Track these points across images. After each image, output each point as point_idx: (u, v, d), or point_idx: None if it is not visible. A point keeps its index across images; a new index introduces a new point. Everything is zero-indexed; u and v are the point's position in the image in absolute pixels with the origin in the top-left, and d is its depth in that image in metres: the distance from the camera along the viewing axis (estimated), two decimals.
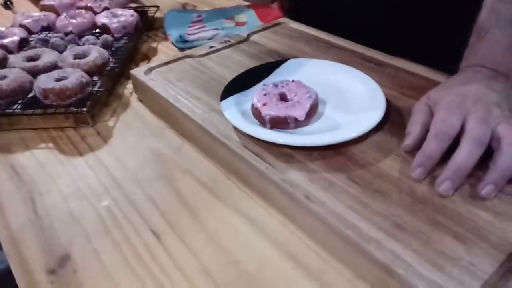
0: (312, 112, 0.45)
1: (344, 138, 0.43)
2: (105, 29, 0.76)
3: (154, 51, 0.78)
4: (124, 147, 0.54)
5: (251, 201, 0.44)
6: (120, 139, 0.55)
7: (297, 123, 0.45)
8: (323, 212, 0.37)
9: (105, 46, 0.69)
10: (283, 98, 0.47)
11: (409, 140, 0.42)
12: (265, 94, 0.46)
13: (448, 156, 0.39)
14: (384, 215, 0.37)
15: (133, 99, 0.63)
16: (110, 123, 0.59)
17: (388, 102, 0.50)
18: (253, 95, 0.48)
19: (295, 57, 0.62)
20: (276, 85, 0.48)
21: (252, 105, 0.46)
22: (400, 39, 0.65)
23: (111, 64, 0.67)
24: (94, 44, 0.68)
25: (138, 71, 0.61)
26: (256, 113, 0.46)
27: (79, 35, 0.76)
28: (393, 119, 0.49)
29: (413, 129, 0.43)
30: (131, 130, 0.57)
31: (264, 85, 0.48)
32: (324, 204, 0.38)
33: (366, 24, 0.70)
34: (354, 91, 0.52)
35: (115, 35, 0.76)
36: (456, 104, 0.40)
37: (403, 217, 0.36)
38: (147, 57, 0.76)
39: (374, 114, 0.46)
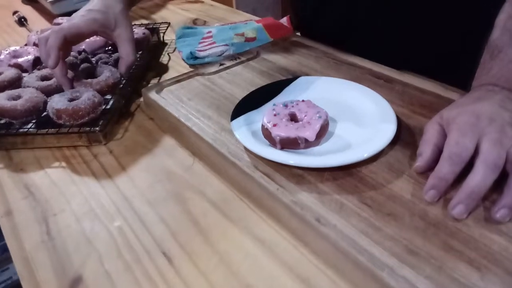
0: (323, 132, 0.45)
1: (355, 159, 0.43)
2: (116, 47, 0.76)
3: (166, 68, 0.79)
4: (135, 165, 0.54)
5: (263, 222, 0.44)
6: (131, 158, 0.56)
7: (308, 144, 0.45)
8: (334, 236, 0.37)
9: (117, 64, 0.70)
10: (293, 118, 0.47)
11: (421, 161, 0.42)
12: (275, 115, 0.46)
13: (461, 177, 0.39)
14: (397, 240, 0.36)
15: (145, 117, 0.64)
16: (122, 141, 0.59)
17: (398, 120, 0.49)
18: (263, 114, 0.48)
19: (305, 74, 0.63)
20: (286, 105, 0.48)
21: (262, 126, 0.47)
22: (411, 55, 0.65)
23: (123, 82, 0.68)
24: (106, 62, 0.69)
25: (149, 90, 0.61)
26: (266, 134, 0.46)
27: (92, 53, 0.77)
28: (404, 138, 0.48)
29: (425, 149, 0.42)
30: (142, 149, 0.57)
31: (274, 105, 0.48)
32: (335, 227, 0.38)
33: (376, 39, 0.70)
34: (364, 109, 0.52)
35: None
36: (469, 125, 0.40)
37: (416, 242, 0.36)
38: (158, 74, 0.76)
39: (385, 133, 0.46)
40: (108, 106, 0.62)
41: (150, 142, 0.58)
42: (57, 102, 0.57)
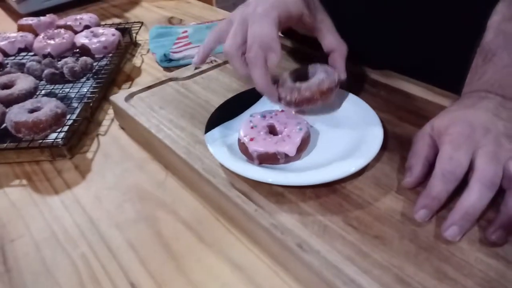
0: (304, 146, 0.42)
1: (340, 175, 0.40)
2: (85, 49, 0.72)
3: (138, 71, 0.74)
4: (103, 182, 0.50)
5: (240, 245, 0.40)
6: (99, 174, 0.51)
7: (288, 158, 0.41)
8: (318, 264, 0.33)
9: (84, 69, 0.65)
10: (272, 130, 0.44)
11: (411, 176, 0.39)
12: (252, 127, 0.43)
13: (455, 193, 0.36)
14: (386, 267, 0.33)
15: (115, 127, 0.59)
16: (89, 154, 0.55)
17: (384, 128, 0.46)
18: (240, 126, 0.44)
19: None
20: (264, 116, 0.44)
21: (239, 140, 0.43)
22: (396, 55, 0.62)
23: (91, 90, 0.63)
24: (73, 68, 0.64)
25: (118, 98, 0.57)
26: (243, 149, 0.42)
27: (58, 57, 0.72)
28: (391, 148, 0.45)
29: (415, 163, 0.39)
30: (111, 163, 0.53)
31: (251, 115, 0.45)
32: (319, 254, 0.34)
33: (359, 39, 0.67)
34: (347, 118, 0.48)
35: (96, 56, 0.72)
36: (463, 137, 0.37)
37: (407, 269, 0.33)
38: (130, 78, 0.72)
39: (371, 145, 0.43)
40: (74, 117, 0.57)
41: (120, 155, 0.54)
42: (16, 114, 0.52)
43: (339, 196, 0.40)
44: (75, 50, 0.75)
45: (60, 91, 0.64)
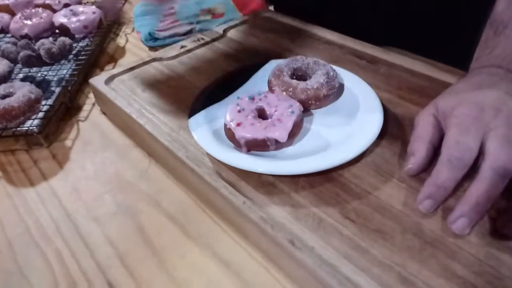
0: (296, 130, 0.38)
1: (337, 161, 0.36)
2: (64, 29, 0.67)
3: (122, 51, 0.70)
4: (82, 172, 0.46)
5: (228, 239, 0.37)
6: (78, 163, 0.48)
7: (279, 145, 0.38)
8: (312, 263, 0.30)
9: (62, 50, 0.61)
10: (261, 114, 0.40)
11: (413, 162, 0.35)
12: (239, 111, 0.39)
13: (463, 180, 0.33)
14: (387, 265, 0.30)
15: (96, 112, 0.56)
16: (68, 142, 0.51)
17: (384, 108, 0.42)
18: (227, 109, 0.40)
19: (277, 54, 0.55)
20: (252, 98, 0.40)
21: (225, 125, 0.39)
22: (397, 29, 0.58)
23: (70, 72, 0.59)
24: (50, 49, 0.60)
25: (98, 81, 0.53)
26: (229, 135, 0.38)
27: (36, 38, 0.67)
28: (391, 131, 0.41)
29: (418, 148, 0.35)
30: (91, 151, 0.49)
31: (238, 98, 0.41)
32: (313, 251, 0.31)
33: (359, 12, 0.62)
34: (344, 98, 0.45)
35: (76, 36, 0.68)
36: (471, 119, 0.33)
37: (410, 267, 0.29)
38: (113, 59, 0.68)
39: (370, 127, 0.39)
40: (51, 102, 0.53)
41: (101, 142, 0.50)
42: None
43: (335, 185, 0.36)
44: (54, 31, 0.70)
45: (38, 75, 0.60)
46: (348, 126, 0.40)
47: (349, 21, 0.59)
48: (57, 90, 0.55)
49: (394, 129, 0.42)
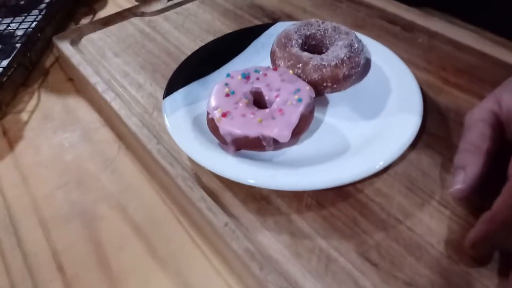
0: (303, 126, 0.28)
1: (357, 174, 0.26)
2: None
3: (104, 1, 0.59)
4: (36, 156, 0.37)
5: (207, 265, 0.28)
6: (32, 144, 0.38)
7: (278, 145, 0.28)
8: None
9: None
10: (257, 100, 0.29)
11: (463, 181, 0.25)
12: (227, 95, 0.28)
13: None
14: None
15: (63, 78, 0.45)
16: (24, 115, 0.41)
17: (423, 96, 0.32)
18: (211, 90, 0.30)
19: (287, 16, 0.43)
20: (247, 77, 0.30)
21: (207, 113, 0.29)
22: None
23: (34, 25, 0.48)
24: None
25: (62, 39, 0.42)
26: (212, 127, 0.28)
27: None
28: (432, 129, 0.31)
29: (470, 160, 0.25)
30: (50, 129, 0.40)
31: (228, 75, 0.30)
32: None
33: None
34: (370, 80, 0.34)
35: None
36: None
37: None
38: (92, 11, 0.56)
39: (403, 124, 0.29)
40: (6, 63, 0.43)
41: (63, 117, 0.41)
42: None
43: (352, 205, 0.27)
44: None
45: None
46: (375, 120, 0.30)
47: None
48: (18, 47, 0.45)
49: (436, 126, 0.31)
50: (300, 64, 0.31)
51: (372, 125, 0.30)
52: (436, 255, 0.24)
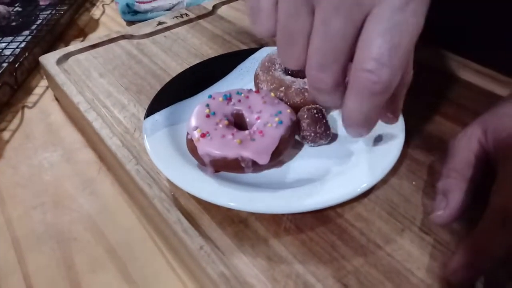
0: (283, 148, 0.28)
1: (337, 197, 0.26)
2: None
3: (95, 24, 0.59)
4: (13, 176, 0.36)
5: None
6: (11, 163, 0.38)
7: (257, 167, 0.27)
8: None
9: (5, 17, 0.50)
10: (237, 121, 0.29)
11: (445, 207, 0.25)
12: (207, 116, 0.28)
13: None
14: None
15: (48, 97, 0.45)
16: (6, 134, 0.41)
17: (406, 121, 0.32)
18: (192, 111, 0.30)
19: (273, 41, 0.44)
20: (228, 98, 0.30)
21: (187, 134, 0.29)
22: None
23: (23, 45, 0.48)
24: (4, 17, 0.50)
25: (48, 59, 0.42)
26: (191, 148, 0.28)
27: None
28: (414, 154, 0.31)
29: (453, 186, 0.25)
30: (31, 148, 0.39)
31: (210, 96, 0.30)
32: None
33: None
34: None
35: (41, 3, 0.57)
36: None
37: None
38: (83, 33, 0.57)
39: (385, 148, 0.29)
40: None
41: (46, 137, 0.40)
42: None
43: (331, 230, 0.26)
44: None
45: None
46: (357, 144, 0.30)
47: None
48: (5, 66, 0.45)
49: (418, 152, 0.31)
50: (283, 88, 0.31)
51: (354, 149, 0.30)
52: (416, 282, 0.23)
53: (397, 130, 0.30)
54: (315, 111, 0.29)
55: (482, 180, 0.25)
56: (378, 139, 0.30)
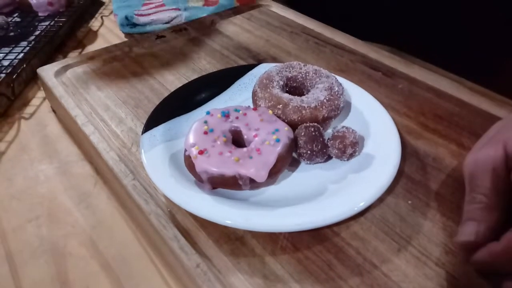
0: (280, 166, 0.28)
1: (334, 216, 0.26)
2: (24, 5, 0.57)
3: (94, 36, 0.59)
4: (9, 188, 0.36)
5: None
6: (6, 175, 0.38)
7: (255, 184, 0.27)
8: None
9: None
10: (236, 138, 0.29)
11: (475, 235, 0.24)
12: (205, 132, 0.28)
13: None
14: None
15: (45, 109, 0.45)
16: (2, 145, 0.41)
17: (402, 141, 0.32)
18: (190, 127, 0.30)
19: (272, 58, 0.44)
20: (226, 115, 0.30)
21: (185, 150, 0.29)
22: (423, 36, 0.47)
23: (21, 56, 0.48)
24: (2, 27, 0.50)
25: (47, 71, 0.43)
26: (189, 164, 0.28)
27: None
28: (410, 174, 0.31)
29: (484, 216, 0.24)
30: (27, 160, 0.39)
31: (208, 113, 0.30)
32: None
33: (373, 10, 0.52)
34: (350, 122, 0.34)
35: (40, 14, 0.57)
36: None
37: None
38: (81, 45, 0.57)
39: (381, 168, 0.29)
40: None
41: (42, 149, 0.40)
42: None
43: (328, 249, 0.26)
44: (17, 6, 0.60)
45: None
46: (353, 162, 0.30)
47: (363, 24, 0.49)
48: (2, 77, 0.45)
49: (414, 171, 0.31)
50: (281, 105, 0.32)
51: (350, 168, 0.30)
52: None
53: (393, 149, 0.30)
54: (312, 129, 0.29)
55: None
56: (374, 158, 0.30)
